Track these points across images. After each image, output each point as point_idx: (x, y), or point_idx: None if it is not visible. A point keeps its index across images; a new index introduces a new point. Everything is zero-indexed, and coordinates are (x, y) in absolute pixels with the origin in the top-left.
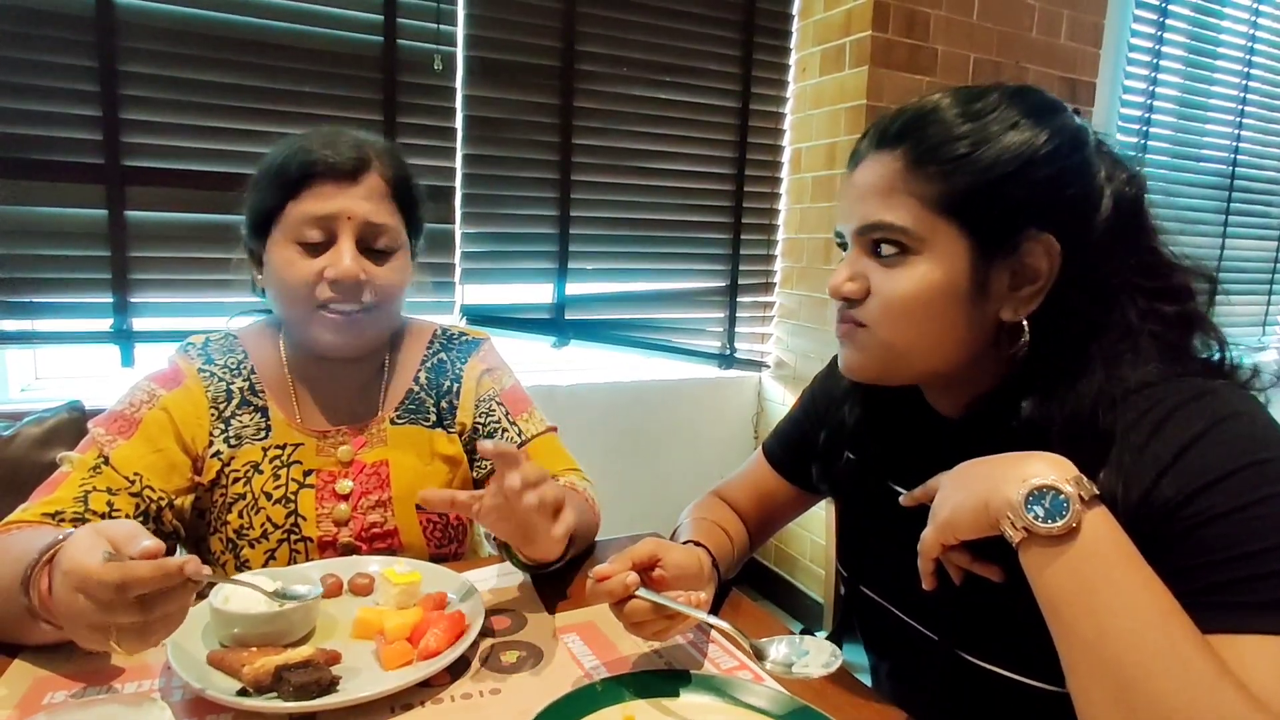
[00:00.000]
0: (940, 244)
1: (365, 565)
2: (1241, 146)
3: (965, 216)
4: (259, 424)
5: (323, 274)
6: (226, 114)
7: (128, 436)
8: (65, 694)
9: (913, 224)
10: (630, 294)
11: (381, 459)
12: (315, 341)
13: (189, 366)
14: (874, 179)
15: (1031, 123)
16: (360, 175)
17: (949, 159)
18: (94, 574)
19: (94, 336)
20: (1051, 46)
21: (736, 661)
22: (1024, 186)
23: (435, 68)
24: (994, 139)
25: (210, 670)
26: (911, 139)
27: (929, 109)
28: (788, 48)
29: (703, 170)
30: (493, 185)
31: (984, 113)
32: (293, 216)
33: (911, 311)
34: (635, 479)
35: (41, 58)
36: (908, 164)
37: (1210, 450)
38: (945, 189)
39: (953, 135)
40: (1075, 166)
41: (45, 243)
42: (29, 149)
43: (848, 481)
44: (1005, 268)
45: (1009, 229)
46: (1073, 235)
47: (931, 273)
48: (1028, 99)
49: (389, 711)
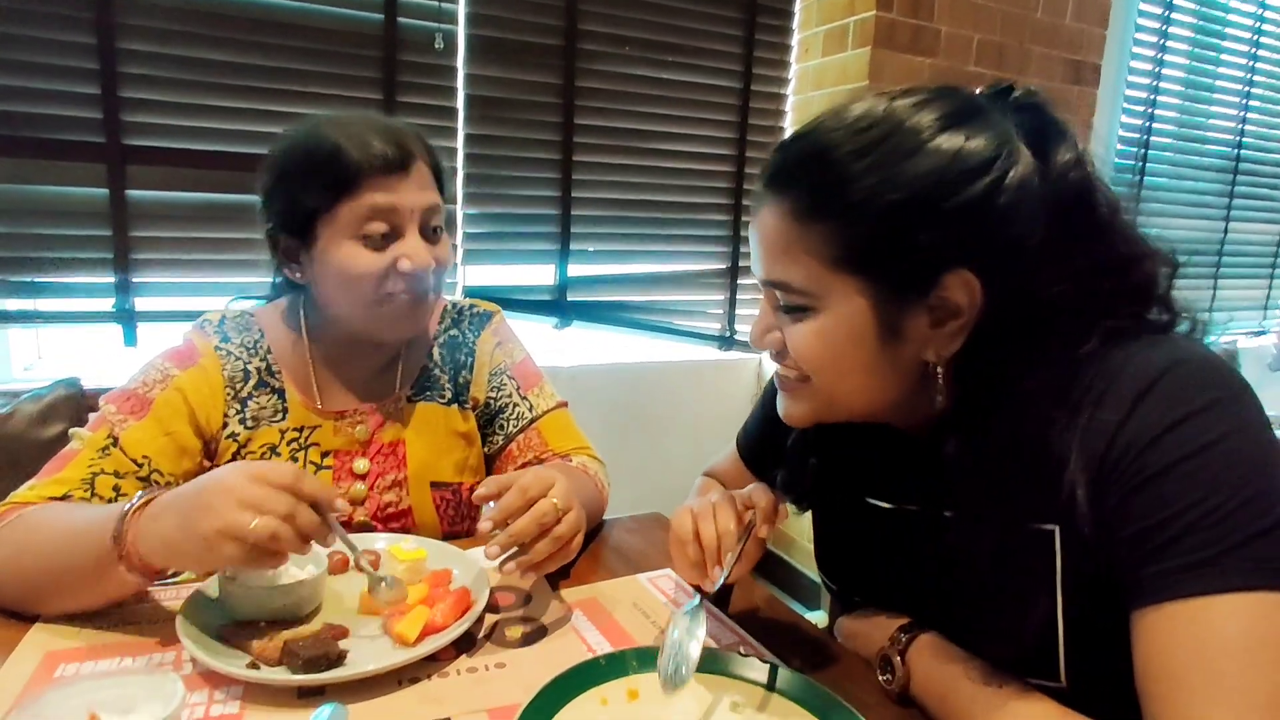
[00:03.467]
0: (838, 299)
1: (372, 542)
2: (1247, 130)
3: (864, 267)
4: (276, 406)
5: (393, 267)
6: (227, 92)
7: (139, 417)
8: (77, 666)
9: (807, 283)
10: (631, 276)
11: (398, 438)
12: (382, 332)
13: (205, 344)
14: (768, 232)
15: (938, 142)
16: (410, 165)
17: (842, 210)
18: (275, 464)
19: (96, 316)
20: (1057, 27)
21: (737, 637)
22: (930, 227)
23: (436, 46)
24: (892, 176)
25: (220, 644)
26: (802, 185)
27: (816, 148)
28: (790, 28)
29: (704, 151)
30: (494, 165)
31: (880, 141)
32: (351, 214)
33: (823, 362)
34: (635, 460)
35: (41, 35)
36: (799, 217)
37: (1152, 406)
38: (840, 245)
39: (846, 177)
40: (985, 189)
41: (47, 222)
42: (29, 127)
43: (817, 492)
44: (921, 309)
45: (917, 273)
46: (994, 265)
47: (833, 329)
48: (932, 109)
49: (396, 684)
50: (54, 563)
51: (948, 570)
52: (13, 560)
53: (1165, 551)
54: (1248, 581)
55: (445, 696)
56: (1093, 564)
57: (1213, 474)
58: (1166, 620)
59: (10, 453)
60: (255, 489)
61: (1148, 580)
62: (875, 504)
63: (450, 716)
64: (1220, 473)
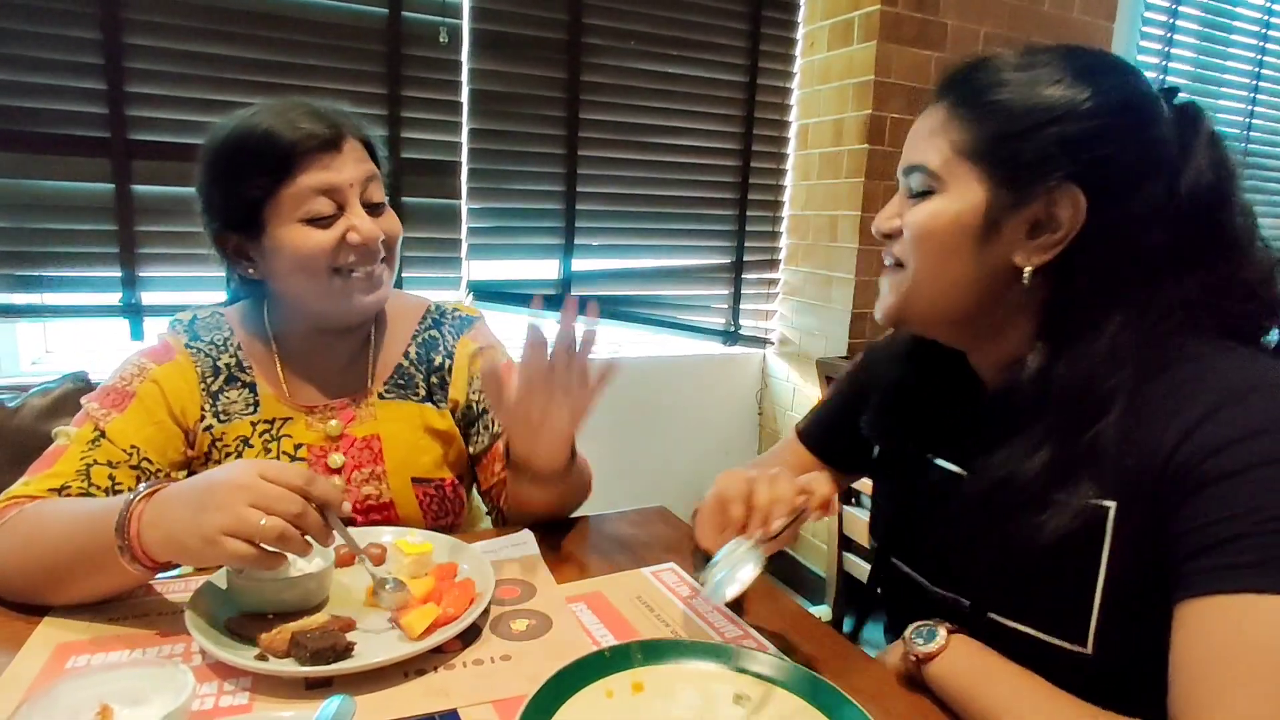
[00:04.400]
0: (959, 185)
1: (378, 535)
2: (1255, 124)
3: (986, 160)
4: (247, 399)
5: (342, 241)
6: (232, 87)
7: (121, 410)
8: (88, 658)
9: (938, 166)
10: (636, 270)
11: (372, 433)
12: (342, 309)
13: (178, 342)
14: (923, 124)
15: (1077, 79)
16: (342, 141)
17: (982, 105)
18: (286, 465)
19: (103, 310)
20: (1064, 20)
21: (741, 631)
22: (1052, 138)
23: (441, 41)
24: (1032, 89)
25: (229, 636)
26: (959, 87)
27: (985, 58)
28: (795, 21)
29: (709, 146)
30: (499, 160)
31: (1034, 65)
32: (292, 197)
33: (924, 239)
34: (639, 455)
35: (47, 30)
36: (950, 109)
37: (1243, 410)
38: (973, 134)
39: (994, 83)
40: (1119, 128)
41: (53, 217)
42: (35, 123)
43: (888, 451)
44: (1024, 214)
45: (1031, 177)
46: (1106, 195)
47: (944, 209)
48: (1086, 57)
49: (402, 676)
50: (59, 554)
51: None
52: (18, 553)
53: (1221, 549)
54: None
55: (451, 688)
56: (1142, 547)
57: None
58: (1210, 612)
59: (18, 446)
60: (267, 488)
61: (1198, 573)
62: (940, 464)
63: (456, 708)
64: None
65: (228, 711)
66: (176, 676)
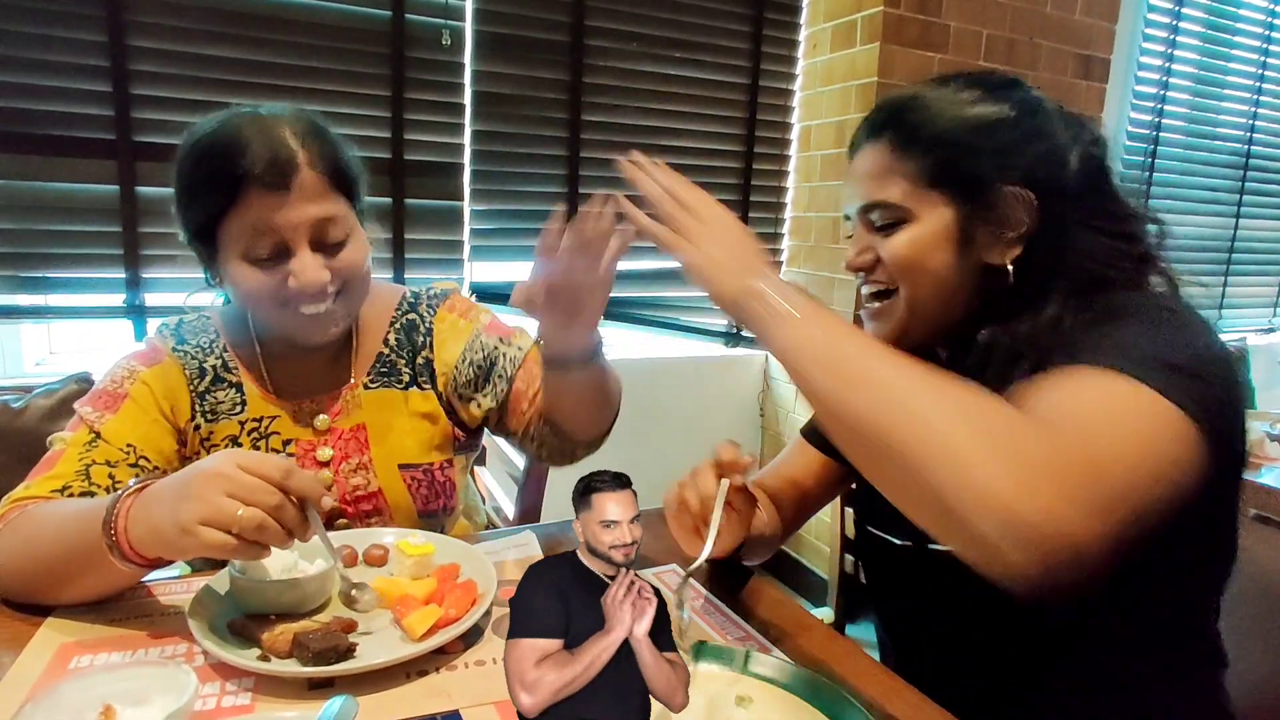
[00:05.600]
0: (927, 211)
1: (380, 537)
2: (1258, 125)
3: (947, 183)
4: (234, 399)
5: (285, 283)
6: (237, 89)
7: (114, 411)
8: (91, 659)
9: (903, 199)
10: (637, 271)
11: (358, 423)
12: (297, 338)
13: (164, 346)
14: (869, 165)
15: (992, 98)
16: (291, 178)
17: (926, 138)
18: (268, 456)
19: (107, 311)
20: (1066, 22)
21: (744, 632)
22: (993, 150)
23: (444, 43)
24: (963, 114)
25: (231, 637)
26: (894, 126)
27: (906, 99)
28: (798, 23)
29: (711, 148)
30: (502, 162)
31: (953, 95)
32: (234, 232)
33: (912, 265)
34: (640, 457)
35: (52, 33)
36: (894, 149)
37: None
38: (928, 165)
39: (927, 118)
40: (1037, 128)
41: (58, 218)
42: (40, 125)
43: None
44: (989, 221)
45: (986, 187)
46: (1045, 186)
47: (923, 235)
48: (988, 79)
49: (404, 677)
50: (55, 554)
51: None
52: (19, 554)
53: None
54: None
55: (453, 689)
56: None
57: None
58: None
59: (23, 447)
60: (245, 479)
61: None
62: None
63: (458, 709)
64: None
65: (230, 712)
66: (179, 677)
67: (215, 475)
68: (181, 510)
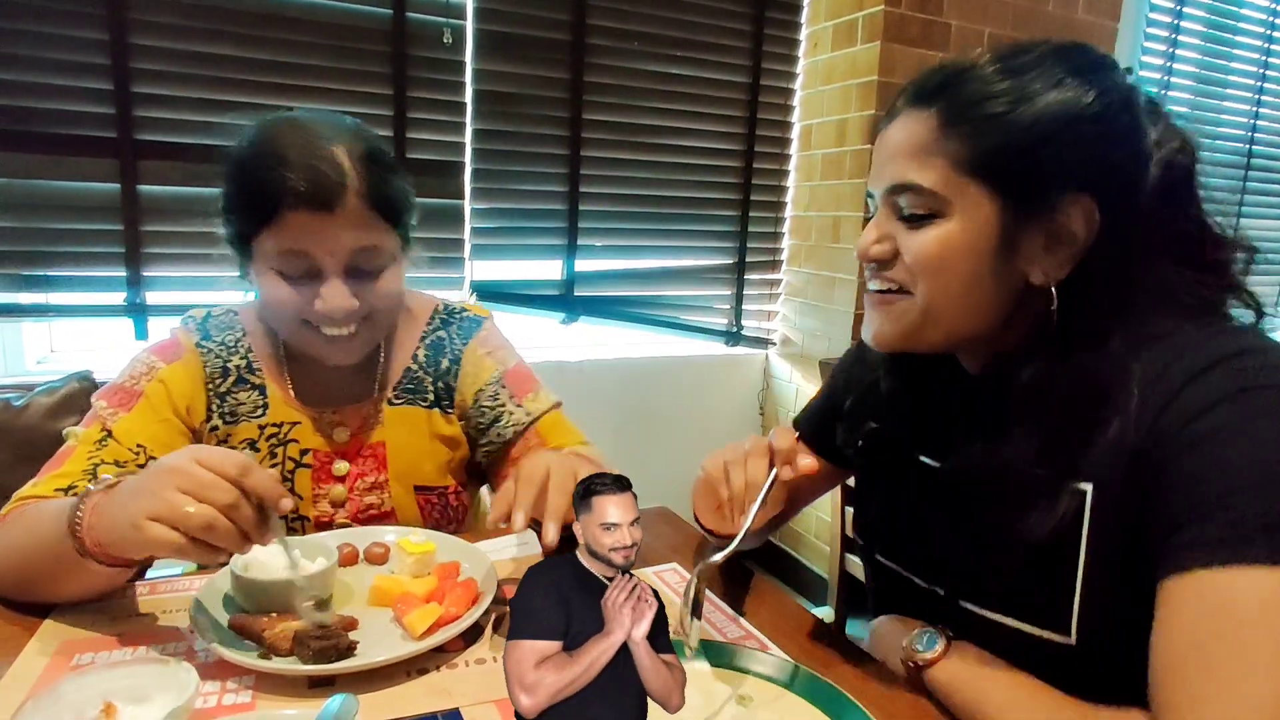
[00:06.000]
0: (967, 205)
1: (381, 535)
2: (1260, 124)
3: (996, 176)
4: (256, 401)
5: (312, 303)
6: (238, 88)
7: (128, 409)
8: (92, 656)
9: (940, 186)
10: (639, 271)
11: (379, 440)
12: (315, 355)
13: (188, 340)
14: (905, 138)
15: (1076, 81)
16: (337, 202)
17: (983, 117)
18: (225, 452)
19: (108, 310)
20: (1069, 20)
21: (743, 631)
22: (1063, 147)
23: (445, 41)
24: (1033, 97)
25: (232, 634)
26: (946, 96)
27: (967, 65)
28: (799, 22)
29: (712, 147)
30: (503, 161)
31: (1025, 69)
32: (268, 248)
33: (938, 270)
34: (641, 455)
35: (54, 31)
36: (940, 123)
37: (1212, 380)
38: (977, 148)
39: (989, 93)
40: (1122, 129)
41: (59, 216)
42: (41, 123)
43: (871, 451)
44: (1039, 229)
45: (1044, 190)
46: (1115, 200)
47: (957, 235)
48: (1075, 55)
49: (405, 675)
50: (34, 554)
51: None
52: (11, 553)
53: (1200, 521)
54: (1276, 556)
55: (453, 688)
56: (1121, 528)
57: (1260, 445)
58: (1190, 588)
59: (24, 445)
60: (200, 474)
61: (1179, 548)
62: (928, 462)
63: (458, 707)
64: (1269, 445)
65: (231, 710)
66: (180, 675)
67: (171, 470)
68: (133, 506)
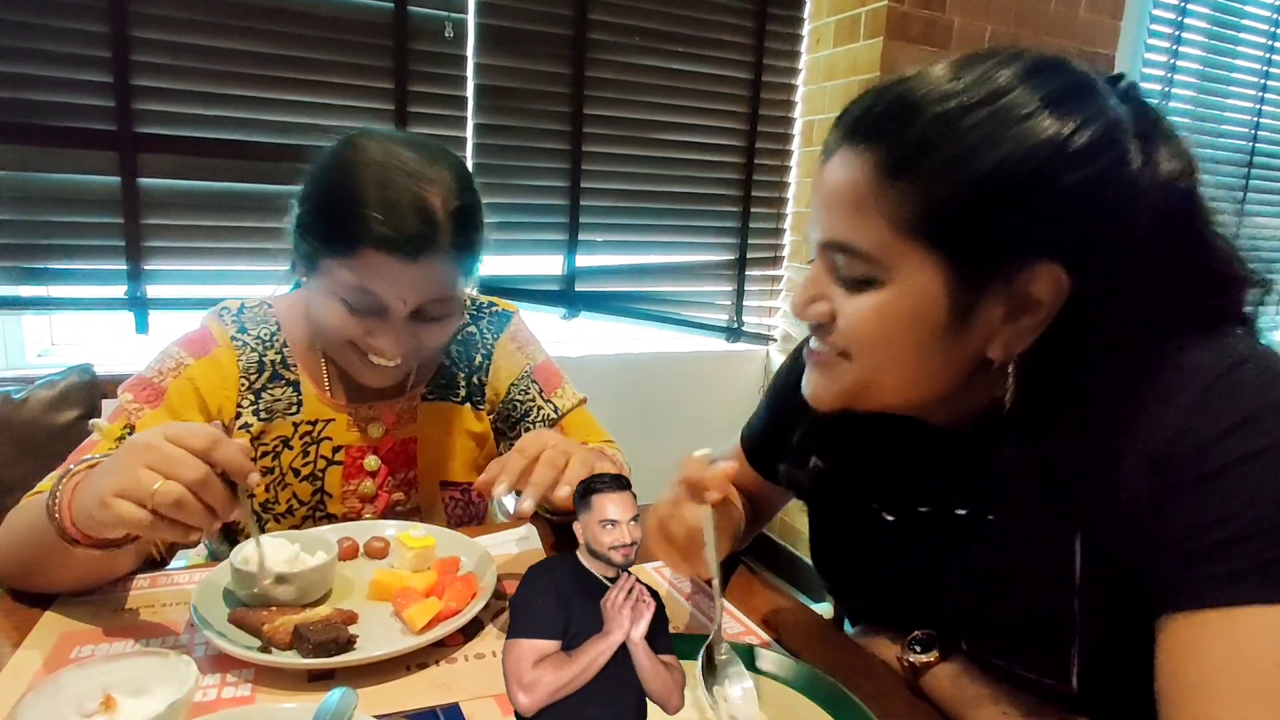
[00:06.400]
0: (910, 272)
1: (381, 529)
2: (1262, 123)
3: (944, 241)
4: (291, 398)
5: (367, 333)
6: (239, 81)
7: (154, 406)
8: (92, 648)
9: (877, 250)
10: (639, 266)
11: (410, 436)
12: (354, 373)
13: (223, 333)
14: (838, 185)
15: (1048, 113)
16: (422, 255)
17: (927, 172)
18: (192, 425)
19: (108, 303)
20: (1071, 19)
21: (743, 627)
22: (1024, 208)
23: (446, 35)
24: (988, 144)
25: (232, 628)
26: (887, 138)
27: (913, 99)
28: (801, 18)
29: (713, 142)
30: (504, 155)
31: (981, 103)
32: (339, 276)
33: (876, 344)
34: (641, 450)
35: (54, 23)
36: (879, 173)
37: (1210, 407)
38: (920, 208)
39: (935, 138)
40: (1097, 176)
41: (59, 209)
42: (42, 115)
43: (817, 490)
44: (998, 297)
45: (1001, 256)
46: (1088, 262)
47: (898, 305)
48: (1047, 79)
49: (405, 670)
50: (31, 541)
51: (957, 571)
52: (11, 542)
53: (1206, 558)
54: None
55: (453, 682)
56: (1115, 567)
57: (1268, 478)
58: (1197, 628)
59: (25, 438)
60: (167, 449)
61: (1185, 585)
62: (881, 511)
63: (458, 702)
64: (1270, 481)
65: (230, 703)
66: (180, 667)
67: (140, 447)
68: (101, 483)
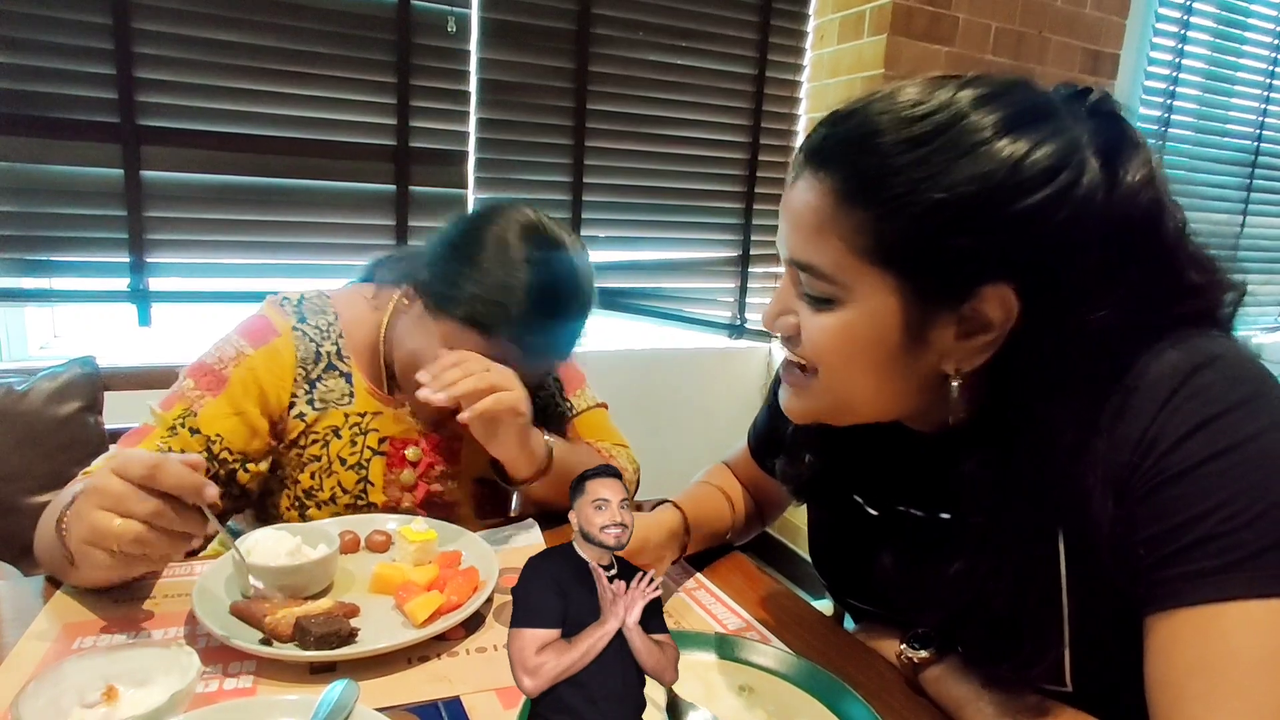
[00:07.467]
0: (867, 293)
1: (383, 523)
2: (1267, 122)
3: (898, 266)
4: (344, 389)
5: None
6: (242, 74)
7: (215, 394)
8: (95, 639)
9: (836, 271)
10: (642, 262)
11: (455, 434)
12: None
13: (283, 322)
14: (802, 210)
15: (1004, 139)
16: (542, 358)
17: (883, 200)
18: (133, 455)
19: (111, 295)
20: (1076, 16)
21: (744, 623)
22: (974, 233)
23: (449, 29)
24: (940, 173)
25: (233, 620)
26: (842, 167)
27: (869, 128)
28: (805, 14)
29: (717, 138)
30: (507, 150)
31: (936, 131)
32: (452, 334)
33: (838, 360)
34: (644, 447)
35: (57, 15)
36: (837, 200)
37: (1179, 406)
38: (875, 235)
39: (888, 169)
40: (1049, 199)
41: (62, 201)
42: (44, 107)
43: (810, 486)
44: (950, 318)
45: (954, 280)
46: (1039, 284)
47: (855, 324)
48: (1005, 102)
49: (406, 663)
50: (54, 558)
51: (945, 572)
52: (41, 546)
53: (1183, 556)
54: (1264, 590)
55: (454, 675)
56: (1101, 568)
57: (1239, 475)
58: (1179, 627)
59: (27, 430)
60: (114, 486)
61: (1163, 585)
62: (864, 505)
63: (459, 695)
64: (1247, 474)
65: (232, 694)
66: (182, 659)
67: (91, 491)
68: (73, 532)
